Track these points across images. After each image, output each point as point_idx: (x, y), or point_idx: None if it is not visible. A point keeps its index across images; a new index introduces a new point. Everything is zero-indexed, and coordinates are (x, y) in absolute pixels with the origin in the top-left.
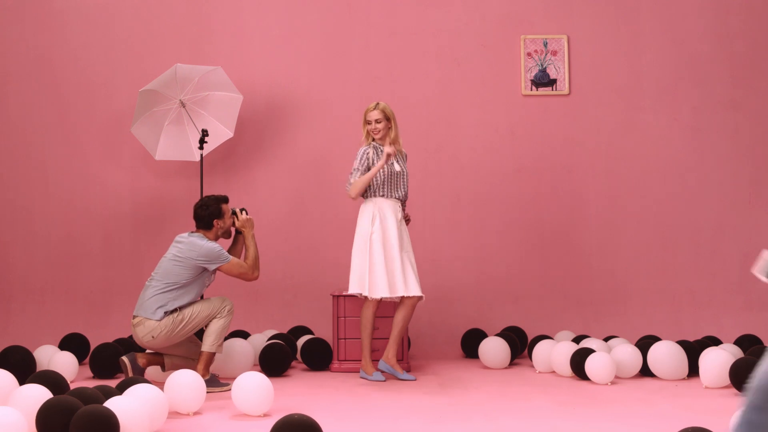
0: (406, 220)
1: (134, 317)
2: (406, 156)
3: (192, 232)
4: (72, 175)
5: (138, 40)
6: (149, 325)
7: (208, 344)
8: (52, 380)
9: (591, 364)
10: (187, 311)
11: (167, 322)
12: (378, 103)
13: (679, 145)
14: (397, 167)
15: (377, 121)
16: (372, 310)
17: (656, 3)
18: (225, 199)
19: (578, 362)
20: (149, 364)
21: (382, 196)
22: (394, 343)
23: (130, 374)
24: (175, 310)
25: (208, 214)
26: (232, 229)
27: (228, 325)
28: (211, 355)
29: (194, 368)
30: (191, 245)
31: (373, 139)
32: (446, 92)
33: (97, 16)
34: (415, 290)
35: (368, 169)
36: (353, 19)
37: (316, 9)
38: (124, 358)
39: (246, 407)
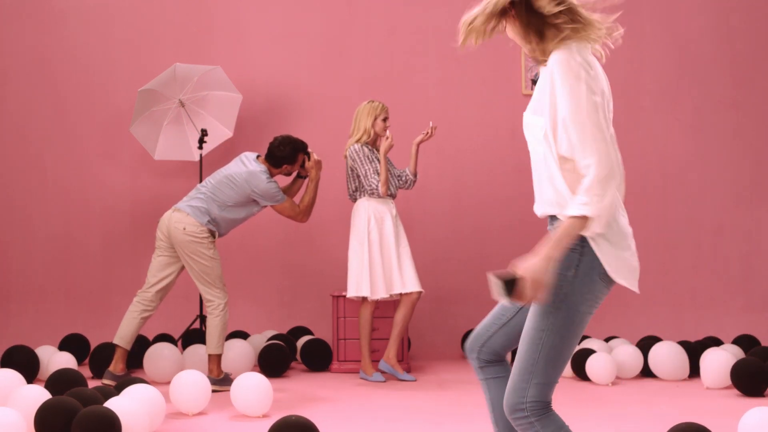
0: (414, 175)
1: (175, 207)
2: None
3: (258, 157)
4: (71, 175)
5: (137, 40)
6: (189, 220)
7: (212, 346)
8: (68, 379)
9: (592, 365)
10: (216, 252)
11: (203, 231)
12: (384, 104)
13: (680, 144)
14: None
15: (388, 120)
16: (370, 311)
17: (656, 3)
18: (303, 148)
19: (578, 363)
20: (124, 363)
21: (372, 195)
22: (394, 343)
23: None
24: (214, 234)
25: (281, 156)
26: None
27: (225, 324)
28: (218, 357)
29: (143, 321)
30: (251, 177)
31: (367, 140)
32: (446, 91)
33: (96, 16)
34: (413, 285)
35: (371, 162)
36: (353, 19)
37: (316, 9)
38: (106, 381)
39: (245, 408)
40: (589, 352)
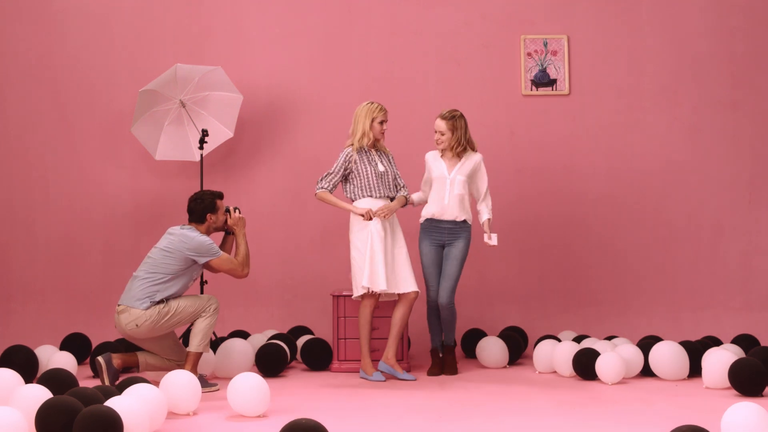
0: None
1: (119, 305)
2: (391, 156)
3: (184, 225)
4: (72, 176)
5: (138, 40)
6: (134, 313)
7: (194, 344)
8: (60, 378)
9: (601, 365)
10: (173, 304)
11: (152, 312)
12: (383, 106)
13: (679, 145)
14: (381, 167)
15: (385, 123)
16: (369, 310)
17: (656, 3)
18: (220, 195)
19: (581, 362)
20: (124, 365)
21: (370, 196)
22: (393, 343)
23: (105, 375)
24: (161, 302)
25: (202, 207)
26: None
27: (213, 325)
28: (198, 355)
29: (173, 368)
30: (182, 237)
31: (368, 142)
32: (446, 92)
33: (96, 17)
34: (409, 285)
35: (345, 170)
36: (353, 19)
37: (316, 9)
38: (100, 359)
39: (241, 408)
40: (592, 351)
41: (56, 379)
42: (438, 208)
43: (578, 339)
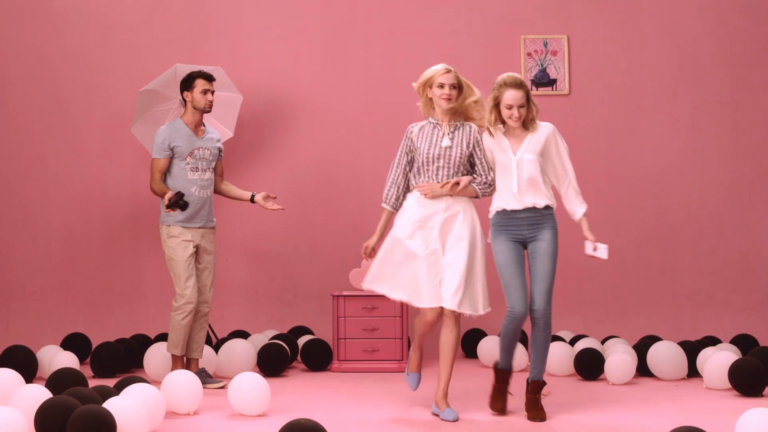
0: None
1: None
2: (475, 134)
3: None
4: (72, 175)
5: (138, 40)
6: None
7: (168, 345)
8: (68, 378)
9: (611, 365)
10: (174, 251)
11: (163, 230)
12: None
13: (679, 144)
14: (446, 141)
15: (447, 86)
16: (422, 317)
17: (656, 3)
18: (205, 75)
19: (583, 363)
20: (193, 366)
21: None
22: (441, 376)
23: (209, 384)
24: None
25: (181, 87)
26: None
27: (185, 327)
28: (174, 356)
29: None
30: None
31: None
32: None
33: (97, 17)
34: (447, 300)
35: (409, 152)
36: (353, 20)
37: (316, 9)
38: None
39: (242, 407)
40: (595, 352)
41: (64, 379)
42: (508, 200)
43: (575, 339)
